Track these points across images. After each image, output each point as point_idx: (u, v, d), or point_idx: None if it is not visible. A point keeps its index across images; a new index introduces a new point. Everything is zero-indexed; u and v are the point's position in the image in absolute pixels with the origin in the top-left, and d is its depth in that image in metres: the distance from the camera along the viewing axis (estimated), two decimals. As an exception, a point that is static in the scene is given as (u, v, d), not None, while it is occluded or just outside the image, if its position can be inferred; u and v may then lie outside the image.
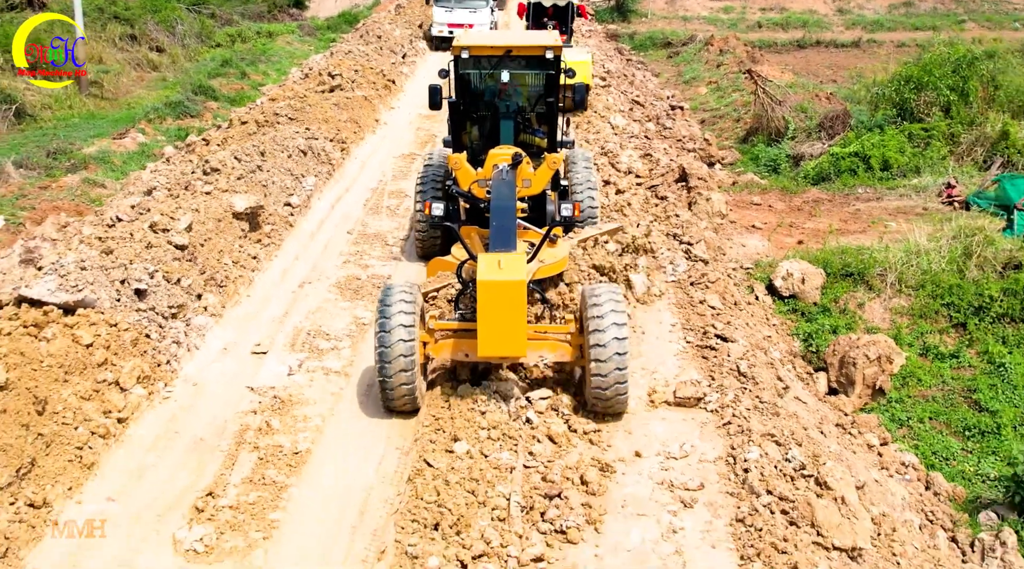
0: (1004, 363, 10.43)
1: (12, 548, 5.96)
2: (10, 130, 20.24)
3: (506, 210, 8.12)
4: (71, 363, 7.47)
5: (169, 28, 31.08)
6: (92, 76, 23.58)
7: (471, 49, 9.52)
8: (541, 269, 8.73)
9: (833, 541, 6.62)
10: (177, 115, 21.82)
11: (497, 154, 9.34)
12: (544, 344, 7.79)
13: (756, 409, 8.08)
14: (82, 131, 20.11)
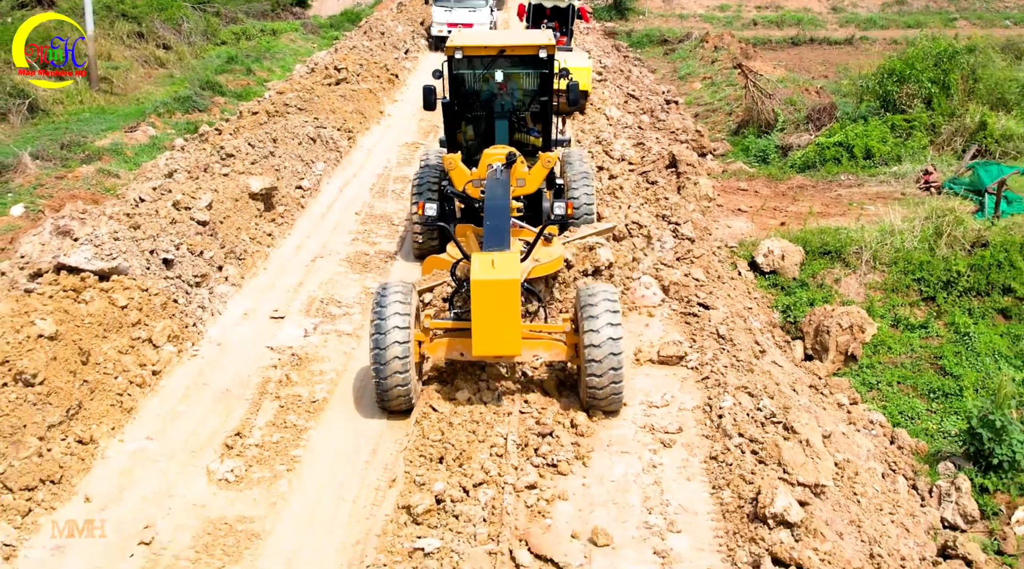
0: (969, 332, 11.19)
1: (66, 476, 6.72)
2: (23, 124, 20.94)
3: (500, 209, 8.10)
4: (109, 322, 8.23)
5: (175, 26, 31.77)
6: (102, 72, 24.33)
7: (465, 49, 9.48)
8: (536, 268, 8.75)
9: (797, 478, 7.35)
10: (186, 110, 22.50)
11: (491, 154, 9.35)
12: (539, 343, 7.81)
13: (733, 367, 8.84)
14: (94, 125, 20.81)
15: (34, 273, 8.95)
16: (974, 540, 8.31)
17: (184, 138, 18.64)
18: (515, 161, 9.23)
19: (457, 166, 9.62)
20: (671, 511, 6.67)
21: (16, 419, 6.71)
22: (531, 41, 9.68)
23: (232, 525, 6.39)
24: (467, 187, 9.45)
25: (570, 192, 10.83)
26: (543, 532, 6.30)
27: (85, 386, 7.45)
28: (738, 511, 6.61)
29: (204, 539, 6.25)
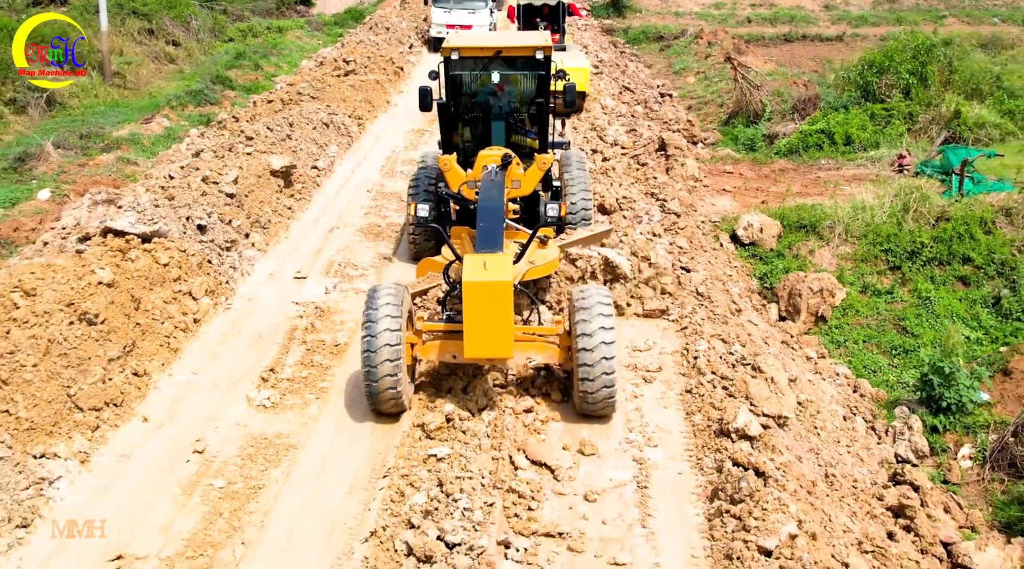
0: (930, 297, 12.23)
1: (126, 400, 7.78)
2: (42, 117, 21.95)
3: (493, 211, 8.03)
4: (154, 277, 9.28)
5: (184, 23, 32.77)
6: (115, 67, 25.38)
7: (461, 50, 9.43)
8: (531, 270, 8.68)
9: (762, 409, 8.39)
10: (198, 103, 23.50)
11: (487, 155, 9.30)
12: (532, 346, 7.77)
13: (709, 320, 9.88)
14: (109, 118, 21.82)
15: (82, 237, 9.99)
16: (923, 471, 9.35)
17: (202, 128, 19.65)
18: (510, 162, 9.19)
19: (452, 167, 9.56)
20: (649, 430, 7.72)
21: (82, 352, 7.76)
22: (528, 42, 9.67)
23: (271, 440, 7.45)
24: (462, 189, 9.40)
25: (567, 195, 10.75)
26: (538, 443, 7.35)
27: (138, 328, 8.50)
28: (707, 430, 7.66)
29: (247, 450, 7.30)
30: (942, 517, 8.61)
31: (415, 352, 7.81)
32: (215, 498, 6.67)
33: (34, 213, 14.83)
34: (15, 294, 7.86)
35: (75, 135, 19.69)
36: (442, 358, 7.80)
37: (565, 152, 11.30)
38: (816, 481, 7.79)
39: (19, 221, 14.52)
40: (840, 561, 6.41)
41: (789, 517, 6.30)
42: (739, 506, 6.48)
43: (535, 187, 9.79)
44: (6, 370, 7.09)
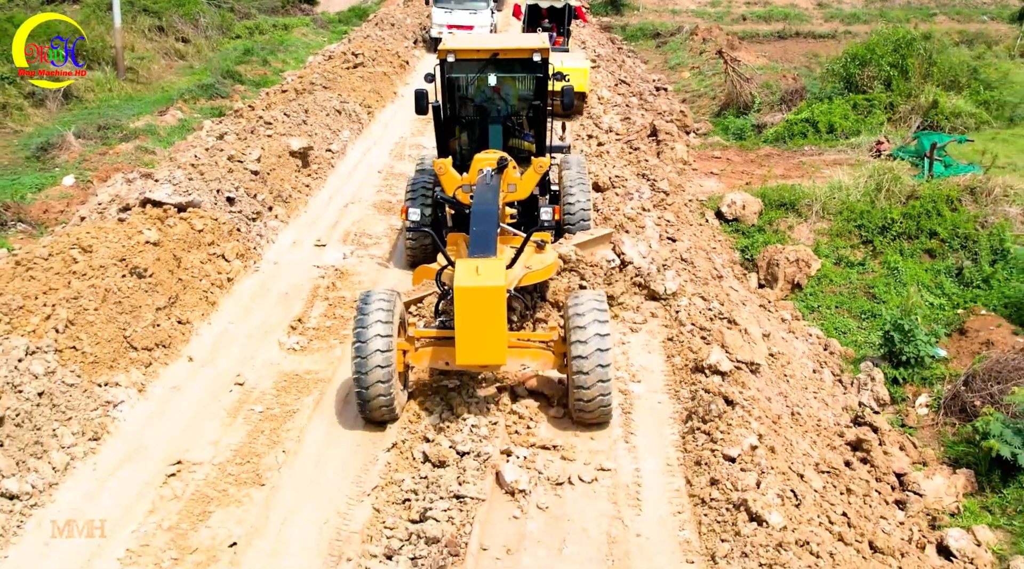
0: (898, 268, 13.26)
1: (173, 343, 8.83)
2: (60, 109, 22.98)
3: (487, 215, 7.88)
4: (190, 241, 10.33)
5: (192, 21, 33.80)
6: (128, 63, 26.43)
7: (457, 53, 9.30)
8: (528, 275, 8.42)
9: (736, 356, 9.40)
10: (209, 96, 24.51)
11: (482, 158, 9.17)
12: (526, 352, 7.68)
13: (692, 282, 10.92)
14: (125, 110, 22.83)
15: (123, 208, 11.03)
16: (883, 417, 10.39)
17: (215, 119, 20.65)
18: (506, 166, 9.07)
19: (447, 171, 9.38)
20: (634, 369, 8.77)
21: (135, 300, 8.80)
22: (525, 44, 9.58)
23: (301, 375, 8.50)
24: (457, 193, 9.27)
25: (566, 198, 10.61)
26: (534, 380, 8.38)
27: (180, 283, 9.55)
28: (684, 368, 8.70)
29: (281, 383, 8.35)
30: (897, 453, 9.63)
31: (407, 359, 7.63)
32: (256, 420, 7.73)
33: (60, 197, 15.80)
34: (74, 250, 8.91)
35: (93, 126, 20.66)
36: (434, 365, 7.70)
37: (564, 156, 11.22)
38: (781, 415, 8.83)
39: (48, 204, 15.52)
40: (796, 473, 7.45)
41: (751, 432, 7.35)
42: (708, 424, 7.53)
43: (532, 191, 9.60)
44: (72, 313, 8.13)
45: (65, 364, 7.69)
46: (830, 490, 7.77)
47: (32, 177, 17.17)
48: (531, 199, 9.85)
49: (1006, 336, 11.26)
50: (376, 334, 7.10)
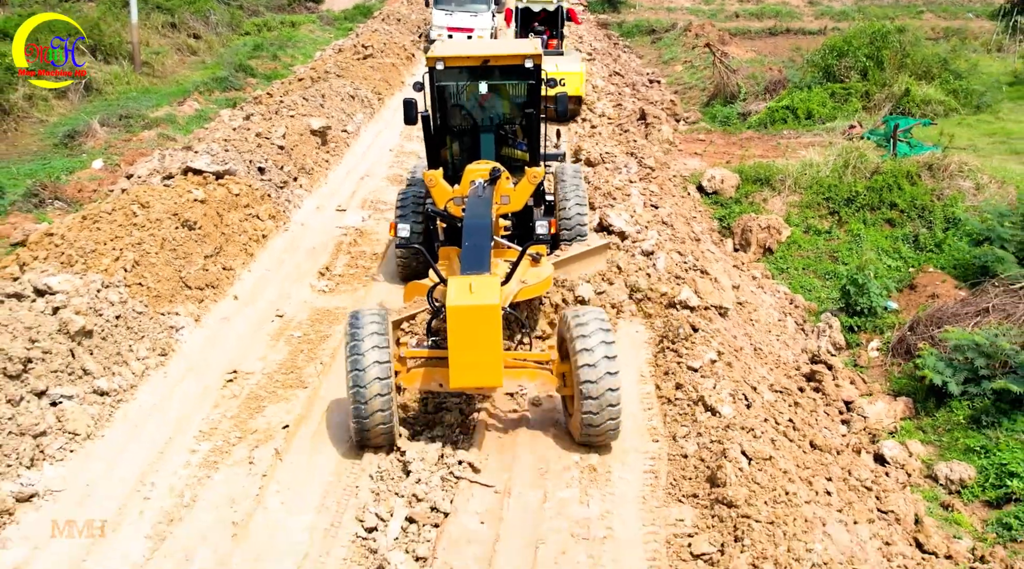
0: (860, 234, 14.69)
1: (220, 285, 10.27)
2: (81, 101, 24.43)
3: (480, 229, 7.62)
4: (229, 203, 11.76)
5: (203, 18, 35.22)
6: (144, 57, 27.89)
7: (447, 60, 9.04)
8: (523, 290, 8.19)
9: (707, 301, 10.84)
10: (223, 89, 25.90)
11: (474, 169, 8.89)
12: (523, 372, 7.38)
13: (671, 240, 12.34)
14: (143, 102, 24.22)
15: (166, 176, 12.46)
16: (838, 359, 11.81)
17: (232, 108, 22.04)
18: (499, 177, 8.80)
19: (438, 183, 9.10)
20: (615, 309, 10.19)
21: (186, 248, 10.24)
22: (516, 51, 9.33)
23: (331, 310, 9.94)
24: (448, 205, 8.97)
25: (561, 209, 10.43)
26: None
27: (223, 236, 10.99)
28: (659, 304, 10.12)
29: (315, 316, 9.80)
30: (847, 386, 11.06)
31: (398, 380, 7.27)
32: (296, 342, 9.17)
33: (90, 179, 17.19)
34: (134, 206, 10.35)
35: (115, 116, 22.01)
36: (427, 387, 7.39)
37: (560, 165, 11.05)
38: (743, 347, 10.26)
39: (81, 184, 16.91)
40: (750, 385, 8.88)
41: (712, 350, 8.79)
42: (677, 344, 8.97)
43: (526, 202, 9.40)
44: (136, 256, 9.56)
45: (134, 296, 9.13)
46: (780, 403, 9.20)
47: (61, 162, 18.49)
48: (525, 210, 9.55)
49: (950, 289, 12.68)
50: (374, 361, 6.70)
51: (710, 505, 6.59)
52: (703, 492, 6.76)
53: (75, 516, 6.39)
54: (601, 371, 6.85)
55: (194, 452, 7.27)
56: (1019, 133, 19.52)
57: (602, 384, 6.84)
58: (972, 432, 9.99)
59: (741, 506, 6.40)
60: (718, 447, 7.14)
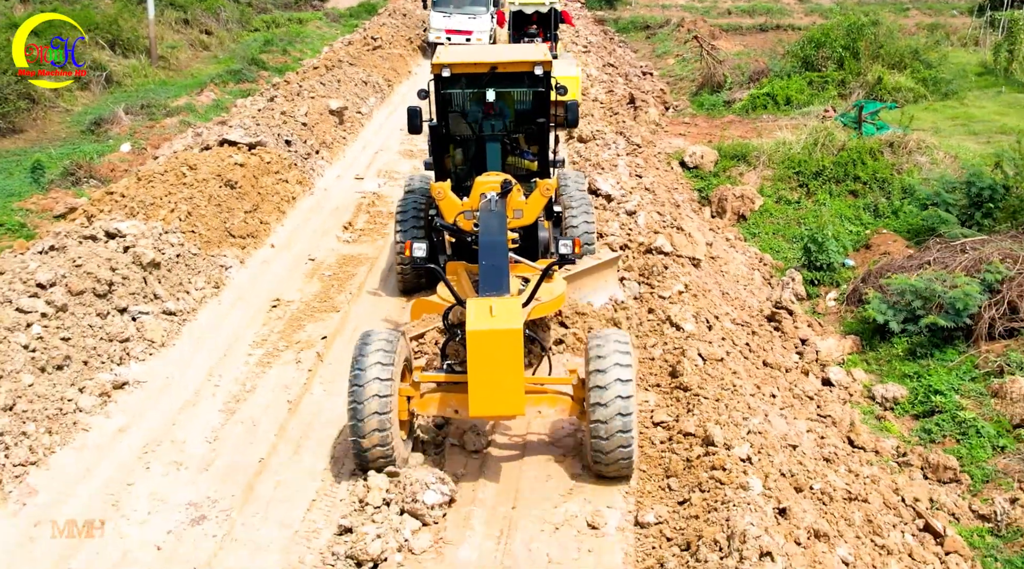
0: (825, 203, 16.28)
1: (258, 235, 11.89)
2: (102, 93, 26.05)
3: (496, 246, 7.28)
4: (261, 169, 13.37)
5: (215, 14, 36.84)
6: (160, 52, 29.50)
7: (453, 67, 8.72)
8: (537, 308, 7.90)
9: (681, 252, 12.44)
10: (237, 81, 27.42)
11: (484, 182, 8.45)
12: (543, 398, 7.05)
13: (652, 204, 13.94)
14: (161, 93, 25.75)
15: (204, 147, 14.08)
16: (799, 307, 13.40)
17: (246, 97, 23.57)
18: (511, 190, 8.37)
19: (447, 196, 8.68)
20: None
21: (229, 204, 11.85)
22: (525, 57, 8.97)
23: (355, 256, 11.55)
24: (459, 220, 8.51)
25: (568, 220, 10.15)
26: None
27: (259, 196, 12.61)
28: (639, 257, 11.71)
29: (342, 260, 11.42)
30: (804, 328, 12.65)
31: (412, 406, 7.00)
32: (327, 278, 10.79)
33: (120, 161, 18.78)
34: (183, 167, 11.97)
35: (137, 105, 23.59)
36: (443, 413, 7.09)
37: (561, 172, 10.83)
38: (711, 290, 11.86)
39: (112, 164, 18.49)
40: (714, 315, 10.47)
41: (680, 282, 10.39)
42: (651, 279, 10.57)
43: (537, 216, 8.95)
44: (189, 207, 11.18)
45: (189, 240, 10.74)
46: (739, 332, 10.81)
47: (90, 146, 20.00)
48: (533, 223, 9.10)
49: (901, 248, 14.27)
50: (375, 377, 6.50)
51: (670, 391, 8.20)
52: (665, 383, 8.37)
53: (161, 398, 8.02)
54: (612, 395, 6.52)
55: (250, 355, 8.90)
56: (980, 117, 21.12)
57: (612, 408, 6.50)
58: (908, 362, 11.58)
59: (694, 389, 8.00)
60: (679, 351, 8.74)
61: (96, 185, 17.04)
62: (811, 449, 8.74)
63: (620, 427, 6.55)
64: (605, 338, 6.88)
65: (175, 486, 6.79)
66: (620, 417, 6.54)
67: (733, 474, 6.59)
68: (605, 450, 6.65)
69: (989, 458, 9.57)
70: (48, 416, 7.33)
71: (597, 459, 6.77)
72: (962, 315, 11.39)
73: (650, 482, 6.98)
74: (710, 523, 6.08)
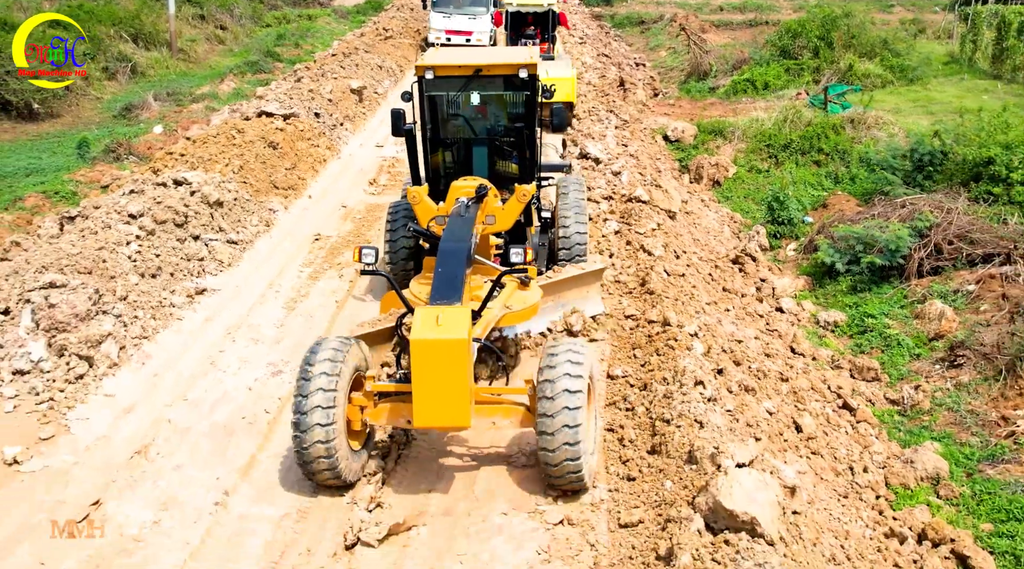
0: (792, 171, 18.35)
1: (297, 187, 13.97)
2: (128, 82, 28.14)
3: (454, 253, 7.12)
4: (296, 136, 15.45)
5: (229, 10, 38.94)
6: (180, 45, 31.58)
7: (436, 69, 8.65)
8: (507, 316, 7.72)
9: (659, 206, 14.51)
10: (254, 71, 29.37)
11: (460, 186, 8.43)
12: (498, 409, 6.88)
13: (635, 167, 16.00)
14: (183, 83, 27.75)
15: (245, 117, 16.16)
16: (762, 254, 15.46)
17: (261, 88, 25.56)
18: (486, 194, 8.34)
19: (422, 201, 8.74)
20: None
21: (272, 162, 13.94)
22: (510, 60, 8.93)
23: (380, 205, 13.58)
24: (431, 224, 8.46)
25: (560, 226, 10.08)
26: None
27: (296, 157, 14.70)
28: (621, 205, 13.77)
29: (369, 208, 13.51)
30: (765, 271, 14.71)
31: (365, 416, 6.84)
32: (358, 220, 12.89)
33: (154, 141, 20.80)
34: (232, 131, 14.07)
35: (164, 93, 25.64)
36: (393, 423, 6.91)
37: (563, 177, 10.79)
38: (682, 234, 13.92)
39: (149, 142, 20.54)
40: (682, 249, 12.54)
41: (655, 221, 12.45)
42: (629, 219, 12.64)
43: (513, 222, 8.88)
44: (241, 162, 13.26)
45: (242, 189, 12.83)
46: (705, 266, 12.88)
47: (123, 130, 21.93)
48: (519, 229, 9.17)
49: (853, 207, 16.32)
50: (318, 388, 6.37)
51: (640, 296, 10.28)
52: (636, 290, 10.45)
53: (235, 300, 10.11)
54: (559, 405, 6.34)
55: (301, 271, 11.01)
56: (940, 100, 23.18)
57: (558, 419, 6.32)
58: (850, 296, 13.64)
59: (657, 293, 10.07)
60: (648, 268, 10.81)
61: (135, 161, 19.03)
62: (755, 347, 10.81)
63: (566, 439, 6.32)
64: (558, 346, 6.71)
65: (256, 353, 8.89)
66: (566, 429, 6.30)
67: (682, 342, 8.66)
68: (552, 462, 6.45)
69: (906, 363, 11.64)
70: (152, 307, 9.41)
71: (547, 471, 6.61)
72: (895, 255, 13.44)
73: (620, 353, 9.06)
74: (661, 369, 8.15)
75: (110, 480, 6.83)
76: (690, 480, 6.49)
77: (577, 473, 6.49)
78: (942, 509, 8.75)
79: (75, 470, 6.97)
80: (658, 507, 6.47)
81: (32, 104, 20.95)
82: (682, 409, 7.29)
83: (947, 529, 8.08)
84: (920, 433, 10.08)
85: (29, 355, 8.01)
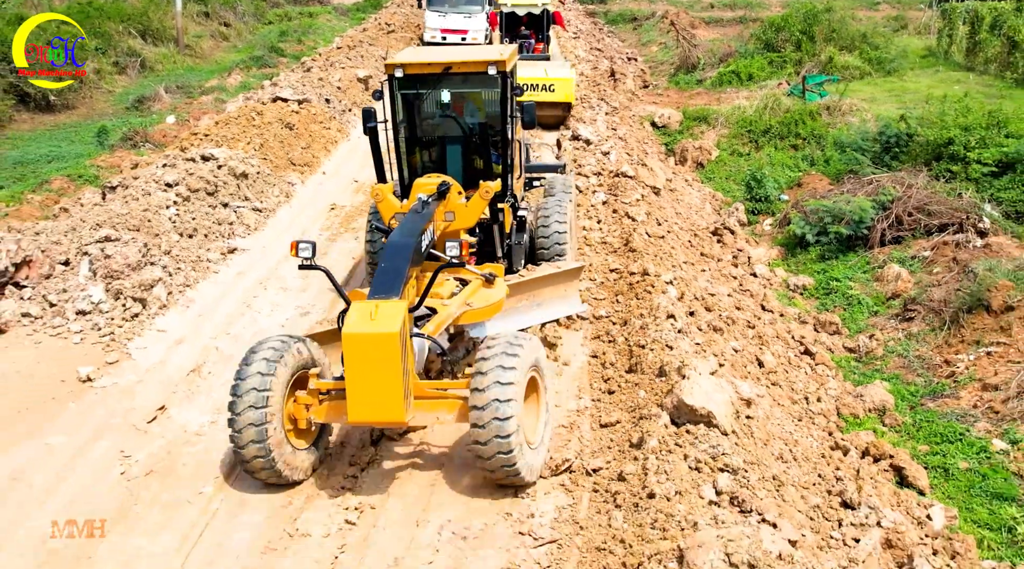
0: (771, 154, 19.63)
1: (312, 164, 15.21)
2: (137, 76, 29.36)
3: (399, 249, 7.13)
4: (309, 119, 16.69)
5: (232, 8, 40.17)
6: (186, 41, 32.79)
7: (406, 67, 8.72)
8: (468, 314, 7.68)
9: (645, 182, 15.78)
10: (259, 66, 30.58)
11: (423, 184, 8.45)
12: (441, 403, 6.78)
13: (623, 148, 17.27)
14: (191, 78, 28.91)
15: (261, 102, 17.39)
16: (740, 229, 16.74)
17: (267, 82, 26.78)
18: (447, 191, 8.35)
19: (385, 198, 8.81)
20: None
21: (289, 142, 15.19)
22: (480, 57, 8.85)
23: (389, 180, 14.87)
24: (392, 222, 8.47)
25: (541, 226, 10.08)
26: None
27: (310, 137, 15.95)
28: (608, 176, 15.02)
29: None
30: (742, 243, 15.98)
31: (310, 414, 6.89)
32: (368, 193, 14.10)
33: (168, 130, 21.97)
34: (252, 113, 15.32)
35: (174, 86, 26.85)
36: (332, 420, 7.00)
37: (551, 177, 10.86)
38: (665, 208, 15.19)
39: (164, 131, 21.75)
40: (664, 218, 13.80)
41: (639, 193, 13.73)
42: (617, 190, 13.92)
43: (476, 219, 8.78)
44: (262, 140, 14.50)
45: (263, 164, 14.07)
46: (685, 234, 14.15)
47: (137, 120, 23.14)
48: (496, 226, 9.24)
49: (825, 186, 17.60)
50: (251, 388, 6.42)
51: (624, 253, 11.54)
52: (620, 249, 11.71)
53: (263, 258, 11.36)
54: (489, 398, 6.29)
55: (321, 234, 12.27)
56: (913, 89, 24.48)
57: (488, 412, 6.27)
58: (818, 263, 14.93)
59: (639, 252, 11.33)
60: (631, 230, 12.08)
61: (151, 147, 20.26)
62: (727, 302, 12.08)
63: (496, 432, 6.26)
64: (496, 340, 6.73)
65: (285, 299, 10.16)
66: (496, 422, 6.25)
67: (658, 288, 9.93)
68: (484, 455, 6.41)
69: (865, 319, 12.93)
70: (191, 261, 10.67)
71: (480, 464, 6.53)
72: (860, 226, 14.73)
73: (604, 301, 10.33)
74: (639, 308, 9.43)
75: (171, 392, 8.09)
76: (660, 389, 7.76)
77: (511, 466, 6.41)
78: (886, 434, 10.04)
79: (139, 387, 8.22)
80: (633, 411, 7.74)
81: (49, 96, 22.17)
82: (655, 336, 8.56)
83: (888, 447, 9.38)
84: (872, 375, 11.37)
85: (90, 297, 9.26)
